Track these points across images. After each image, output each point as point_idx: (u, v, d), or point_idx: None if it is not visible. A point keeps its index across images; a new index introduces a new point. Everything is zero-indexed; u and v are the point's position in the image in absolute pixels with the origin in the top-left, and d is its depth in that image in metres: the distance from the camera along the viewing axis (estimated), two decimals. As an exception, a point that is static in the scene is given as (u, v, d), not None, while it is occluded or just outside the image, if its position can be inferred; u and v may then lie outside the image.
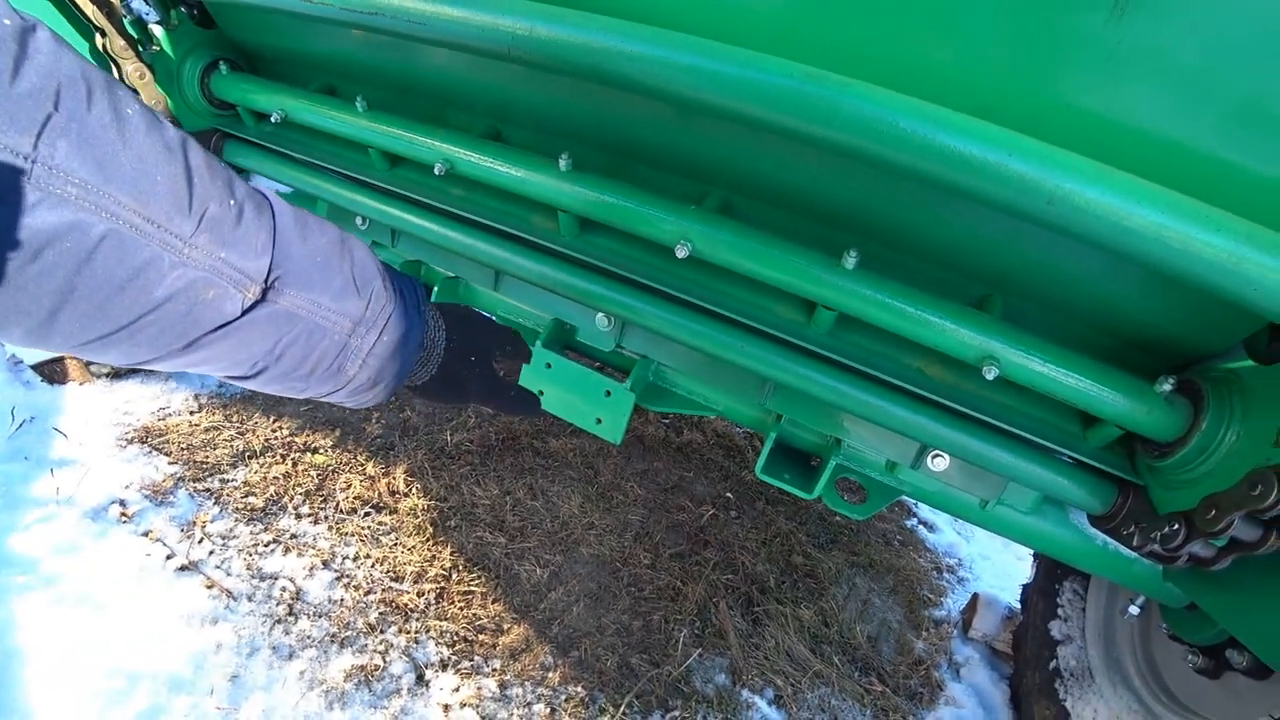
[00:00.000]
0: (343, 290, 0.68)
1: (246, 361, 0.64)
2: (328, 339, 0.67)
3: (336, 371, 0.70)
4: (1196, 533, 0.93)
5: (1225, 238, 0.67)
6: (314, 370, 0.69)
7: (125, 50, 1.58)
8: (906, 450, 1.30)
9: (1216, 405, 0.95)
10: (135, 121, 0.51)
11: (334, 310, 0.67)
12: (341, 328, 0.68)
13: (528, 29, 0.87)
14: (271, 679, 1.48)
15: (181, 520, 1.80)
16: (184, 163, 0.55)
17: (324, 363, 0.69)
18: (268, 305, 0.62)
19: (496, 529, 2.02)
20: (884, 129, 0.73)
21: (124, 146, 0.50)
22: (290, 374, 0.68)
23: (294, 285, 0.63)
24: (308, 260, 0.65)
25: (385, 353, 0.73)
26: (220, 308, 0.58)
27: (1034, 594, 1.87)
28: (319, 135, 1.65)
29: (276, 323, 0.63)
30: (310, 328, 0.66)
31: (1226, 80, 0.73)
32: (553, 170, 1.22)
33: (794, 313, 1.22)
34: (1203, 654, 1.27)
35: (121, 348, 0.56)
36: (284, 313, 0.63)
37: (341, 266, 0.68)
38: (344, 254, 0.69)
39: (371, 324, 0.71)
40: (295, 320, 0.64)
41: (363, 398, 0.77)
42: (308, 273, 0.64)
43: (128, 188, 0.50)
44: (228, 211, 0.57)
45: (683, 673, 1.73)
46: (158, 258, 0.53)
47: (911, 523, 2.74)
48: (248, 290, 0.60)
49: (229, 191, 0.58)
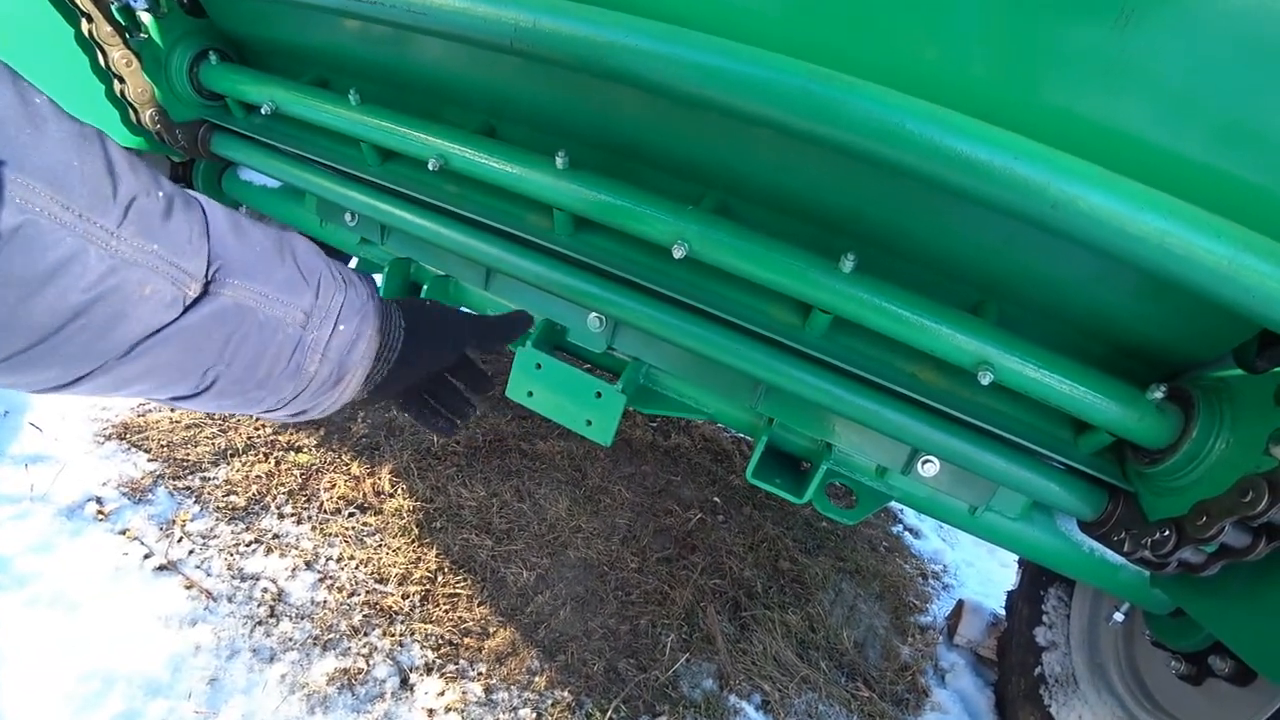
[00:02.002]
0: (288, 281, 0.63)
1: (196, 370, 0.58)
2: (281, 333, 0.63)
3: (295, 371, 0.65)
4: (1187, 539, 0.94)
5: (1225, 245, 0.68)
6: (271, 372, 0.63)
7: (112, 37, 1.54)
8: (897, 455, 1.30)
9: (1207, 413, 0.96)
10: (44, 109, 0.47)
11: (283, 302, 0.62)
12: (294, 319, 0.63)
13: (530, 21, 0.86)
14: (252, 682, 1.44)
15: (160, 519, 1.76)
16: (103, 152, 0.50)
17: (280, 361, 0.64)
18: (211, 300, 0.57)
19: (483, 531, 2.00)
20: (890, 130, 0.73)
21: (35, 131, 0.46)
22: (246, 380, 0.62)
23: (237, 275, 0.58)
24: (247, 252, 0.60)
25: (343, 344, 0.68)
26: (158, 306, 0.53)
27: (1019, 600, 1.89)
28: (310, 128, 1.62)
29: (224, 318, 0.58)
30: (261, 322, 0.61)
31: (1226, 91, 0.74)
32: (549, 168, 1.21)
33: (789, 315, 1.22)
34: (1186, 660, 1.29)
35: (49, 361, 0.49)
36: (231, 306, 0.58)
37: (283, 258, 0.64)
38: (284, 246, 0.65)
39: (325, 314, 0.66)
40: (244, 314, 0.59)
41: (327, 397, 0.71)
42: (249, 264, 0.60)
43: (43, 174, 0.45)
44: (156, 203, 0.53)
45: (670, 678, 1.72)
46: (82, 250, 0.47)
47: (897, 529, 2.75)
48: (187, 286, 0.55)
49: (155, 184, 0.54)
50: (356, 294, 0.71)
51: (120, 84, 1.62)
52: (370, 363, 0.73)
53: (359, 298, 0.71)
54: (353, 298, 0.70)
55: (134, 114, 1.67)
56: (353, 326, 0.69)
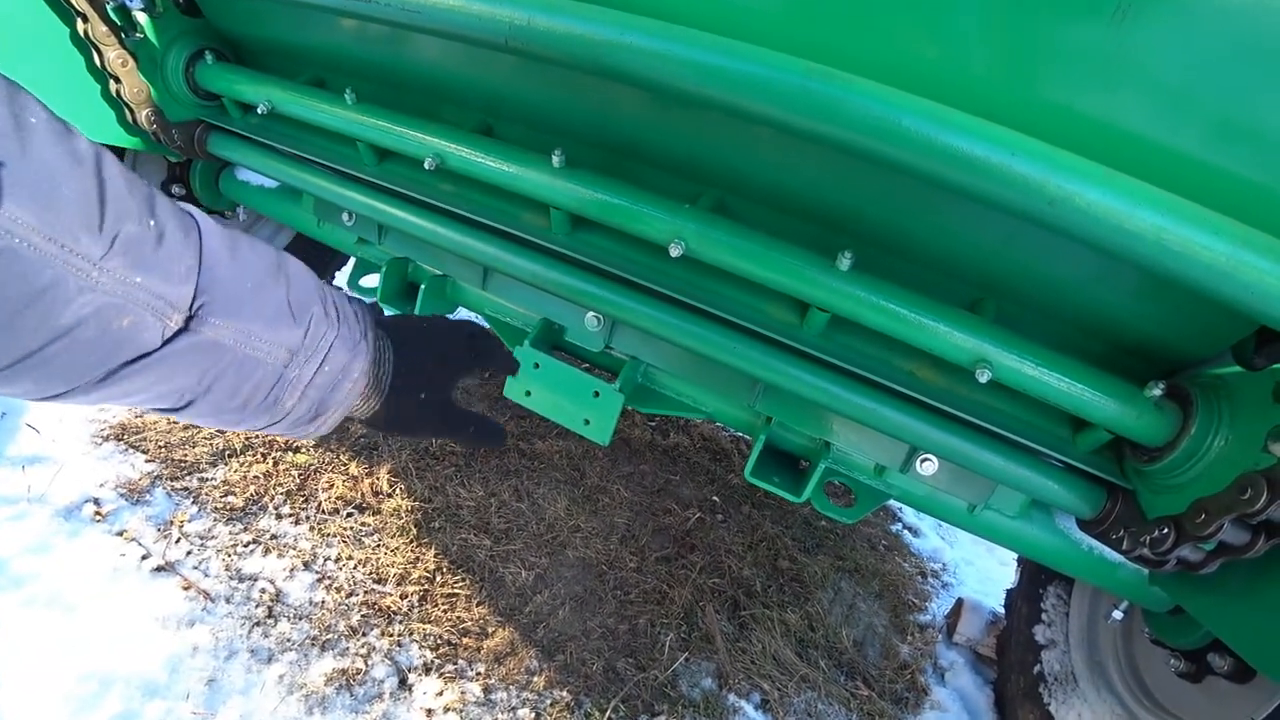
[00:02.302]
0: (276, 317, 0.63)
1: (172, 394, 0.59)
2: (261, 370, 0.63)
3: (272, 404, 0.65)
4: (1185, 537, 0.94)
5: (1223, 242, 0.68)
6: (247, 403, 0.64)
7: (107, 36, 1.53)
8: (896, 453, 1.30)
9: (1205, 410, 0.96)
10: (40, 131, 0.47)
11: (267, 340, 0.62)
12: (276, 358, 0.63)
13: (525, 19, 0.86)
14: (250, 683, 1.44)
15: (158, 520, 1.76)
16: (96, 178, 0.50)
17: (258, 395, 0.64)
18: (190, 335, 0.57)
19: (481, 531, 1.99)
20: (887, 127, 0.72)
21: (22, 156, 0.45)
22: (222, 407, 0.63)
23: (221, 314, 0.58)
24: (237, 285, 0.60)
25: (326, 383, 0.68)
26: (137, 337, 0.53)
27: (1018, 599, 1.89)
28: (306, 128, 1.62)
29: (202, 354, 0.58)
30: (240, 359, 0.61)
31: (1224, 86, 0.74)
32: (545, 166, 1.20)
33: (787, 314, 1.21)
34: (1185, 658, 1.29)
35: (30, 377, 0.50)
36: (209, 343, 0.58)
37: (276, 291, 0.63)
38: (279, 278, 0.64)
39: (310, 353, 0.66)
40: (222, 351, 0.59)
41: (303, 430, 0.72)
42: (237, 299, 0.59)
43: (26, 202, 0.45)
44: (146, 232, 0.52)
45: (669, 677, 1.71)
46: (61, 280, 0.47)
47: (896, 527, 2.75)
48: (169, 319, 0.55)
49: (148, 210, 0.53)
50: (350, 330, 0.70)
51: (116, 84, 1.61)
52: (354, 400, 0.73)
53: (351, 336, 0.70)
54: (345, 334, 0.69)
55: (130, 114, 1.66)
56: (338, 365, 0.69)
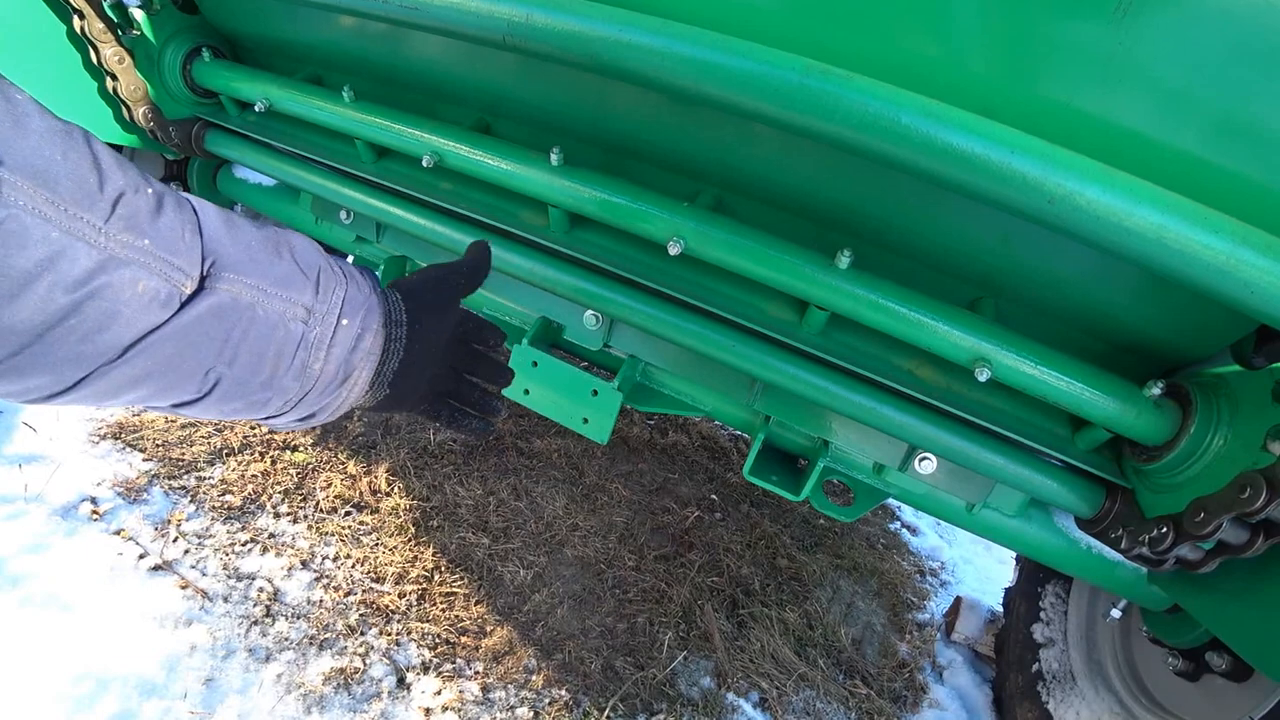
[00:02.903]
0: (287, 276, 0.61)
1: (197, 372, 0.56)
2: (283, 329, 0.61)
3: (301, 369, 0.63)
4: (1184, 536, 0.93)
5: (1223, 240, 0.68)
6: (275, 370, 0.61)
7: (104, 34, 1.53)
8: (894, 452, 1.30)
9: (1204, 409, 0.96)
10: (25, 105, 0.46)
11: (282, 297, 0.60)
12: (296, 315, 0.61)
13: (524, 16, 0.86)
14: (247, 682, 1.44)
15: (155, 519, 1.75)
16: (88, 148, 0.49)
17: (284, 359, 0.61)
18: (208, 295, 0.55)
19: (480, 530, 1.99)
20: (886, 125, 0.72)
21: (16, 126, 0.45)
22: (249, 380, 0.60)
23: (232, 269, 0.57)
24: (242, 248, 0.58)
25: (348, 340, 0.66)
26: (152, 304, 0.51)
27: (1016, 597, 1.89)
28: (304, 125, 1.61)
29: (222, 314, 0.56)
30: (261, 317, 0.59)
31: (1225, 84, 0.73)
32: (544, 164, 1.20)
33: (786, 312, 1.21)
34: (1183, 657, 1.29)
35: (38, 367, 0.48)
36: (229, 301, 0.56)
37: (280, 253, 0.62)
38: (280, 241, 0.63)
39: (326, 310, 0.64)
40: (242, 309, 0.57)
41: (336, 398, 0.69)
42: (245, 259, 0.58)
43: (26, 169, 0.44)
44: (145, 199, 0.51)
45: (667, 676, 1.71)
46: (69, 247, 0.46)
47: (895, 526, 2.75)
48: (182, 283, 0.53)
49: (143, 181, 0.52)
50: (358, 289, 0.69)
51: (113, 81, 1.60)
52: (377, 358, 0.70)
53: (360, 292, 0.69)
54: (354, 293, 0.68)
55: (127, 112, 1.66)
56: (356, 322, 0.67)
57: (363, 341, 0.68)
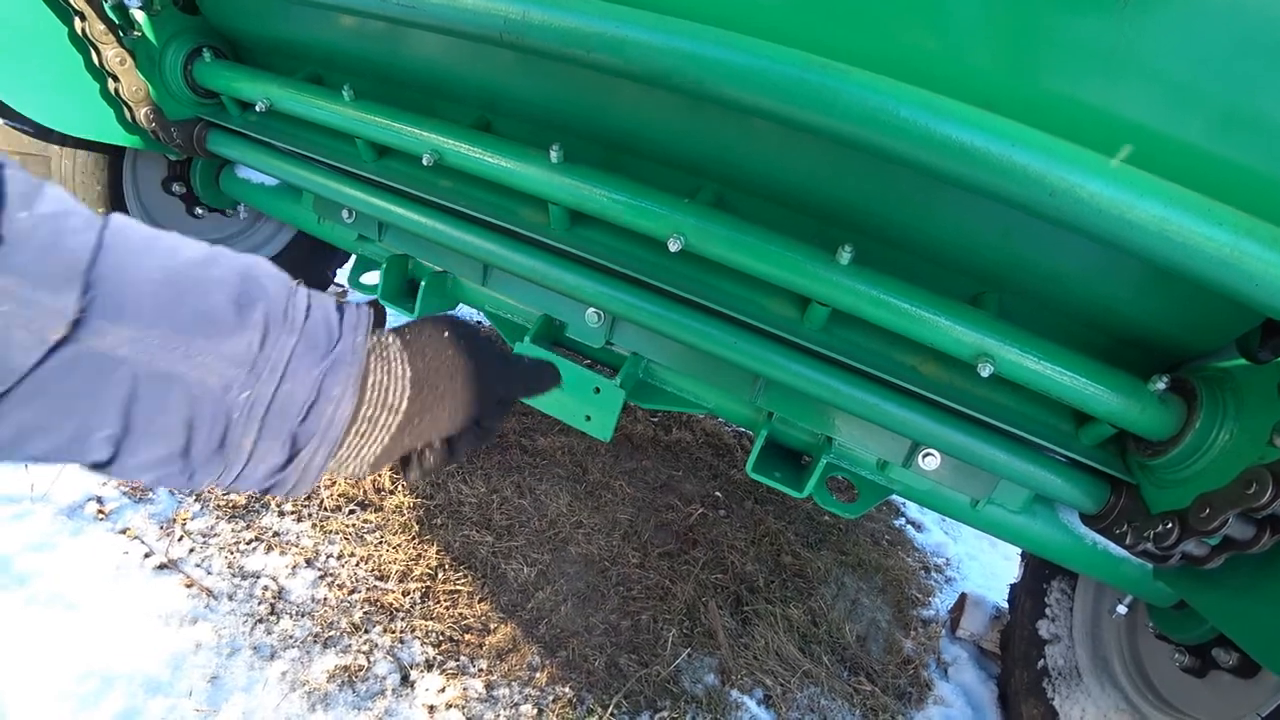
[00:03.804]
0: (200, 321, 0.47)
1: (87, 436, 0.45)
2: (184, 393, 0.47)
3: (220, 445, 0.49)
4: (1190, 531, 0.93)
5: (1227, 232, 0.67)
6: (189, 446, 0.48)
7: (105, 35, 1.53)
8: (898, 448, 1.29)
9: (1210, 404, 0.95)
10: None
11: (185, 350, 0.46)
12: (209, 376, 0.47)
13: (520, 13, 0.85)
14: (252, 680, 1.44)
15: (161, 518, 1.76)
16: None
17: (199, 432, 0.48)
18: (72, 345, 0.43)
19: (483, 527, 1.99)
20: (885, 118, 0.71)
21: None
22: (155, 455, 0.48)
23: (110, 315, 0.43)
24: (142, 283, 0.45)
25: (292, 408, 0.50)
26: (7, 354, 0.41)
27: (1021, 593, 1.88)
28: (305, 125, 1.61)
29: (93, 373, 0.44)
30: (149, 378, 0.45)
31: (1229, 75, 0.73)
32: (543, 162, 1.20)
33: (787, 308, 1.21)
34: (1189, 653, 1.28)
35: None
36: (99, 357, 0.43)
37: (202, 289, 0.48)
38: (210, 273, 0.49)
39: (263, 368, 0.49)
40: (118, 367, 0.44)
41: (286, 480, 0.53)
42: (134, 298, 0.45)
43: None
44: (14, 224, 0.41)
45: (671, 673, 1.71)
46: None
47: (899, 522, 2.74)
48: (47, 328, 0.41)
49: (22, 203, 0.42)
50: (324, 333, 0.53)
51: (114, 82, 1.61)
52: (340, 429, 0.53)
53: (326, 338, 0.52)
54: (315, 338, 0.52)
55: (129, 112, 1.66)
56: (309, 381, 0.51)
57: (319, 410, 0.52)
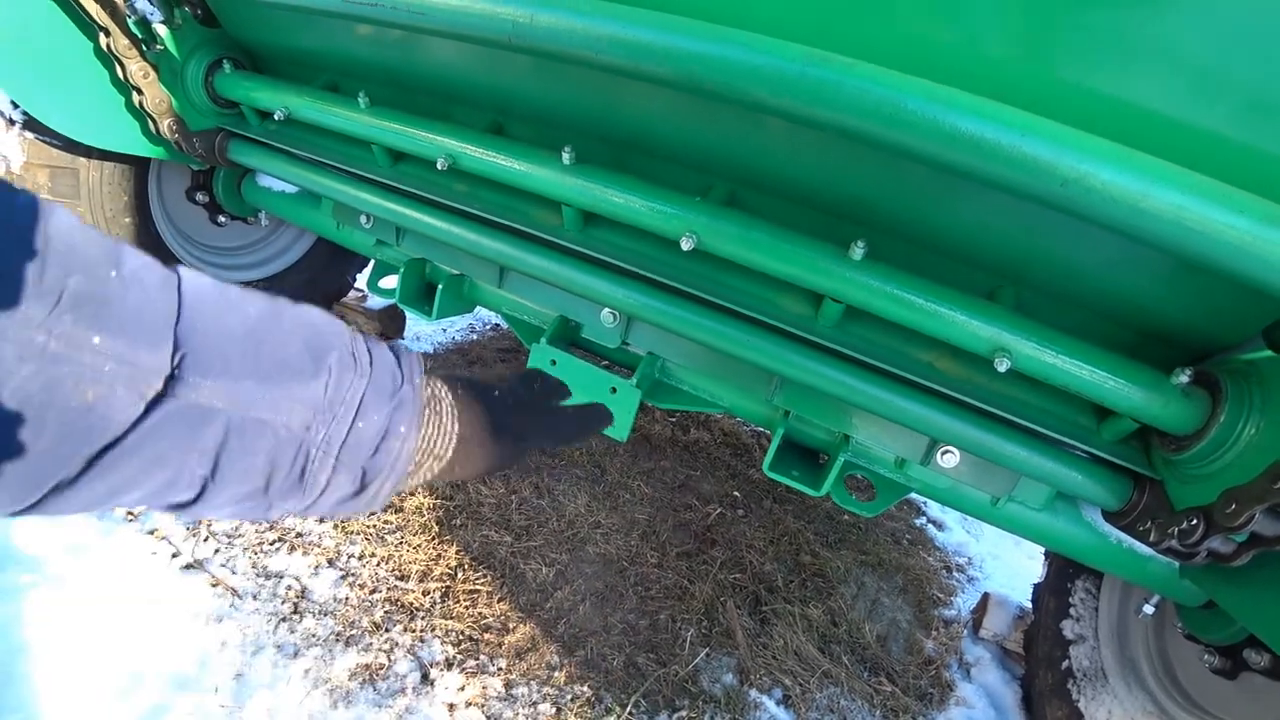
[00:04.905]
0: (281, 370, 0.52)
1: (178, 481, 0.49)
2: (273, 437, 0.52)
3: (299, 479, 0.54)
4: (1215, 528, 0.91)
5: (1247, 219, 0.65)
6: (270, 482, 0.53)
7: (129, 49, 1.57)
8: (916, 446, 1.28)
9: (1235, 397, 0.93)
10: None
11: (272, 399, 0.51)
12: (292, 420, 0.53)
13: (528, 16, 0.86)
14: (276, 677, 1.47)
15: (187, 519, 1.80)
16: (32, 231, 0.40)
17: (280, 470, 0.53)
18: (171, 400, 0.46)
19: (502, 528, 2.01)
20: (890, 111, 0.71)
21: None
22: (240, 492, 0.52)
23: (204, 371, 0.48)
24: (224, 337, 0.50)
25: (364, 445, 0.57)
26: (107, 413, 0.43)
27: (1045, 593, 1.85)
28: (322, 132, 1.64)
29: (190, 425, 0.47)
30: (241, 425, 0.50)
31: (1254, 60, 0.71)
32: (555, 164, 1.21)
33: (801, 306, 1.20)
34: (1220, 654, 1.25)
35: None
36: (196, 410, 0.47)
37: (279, 341, 0.53)
38: (282, 324, 0.54)
39: (337, 409, 0.55)
40: (214, 417, 0.49)
41: (352, 506, 0.59)
42: (223, 352, 0.49)
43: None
44: (104, 285, 0.43)
45: (690, 672, 1.71)
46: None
47: (920, 521, 2.71)
48: (145, 386, 0.44)
49: (108, 262, 0.44)
50: (386, 378, 0.59)
51: (139, 95, 1.65)
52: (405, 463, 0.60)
53: (390, 383, 0.59)
54: (381, 383, 0.58)
55: (153, 124, 1.71)
56: (379, 420, 0.58)
57: (388, 444, 0.58)
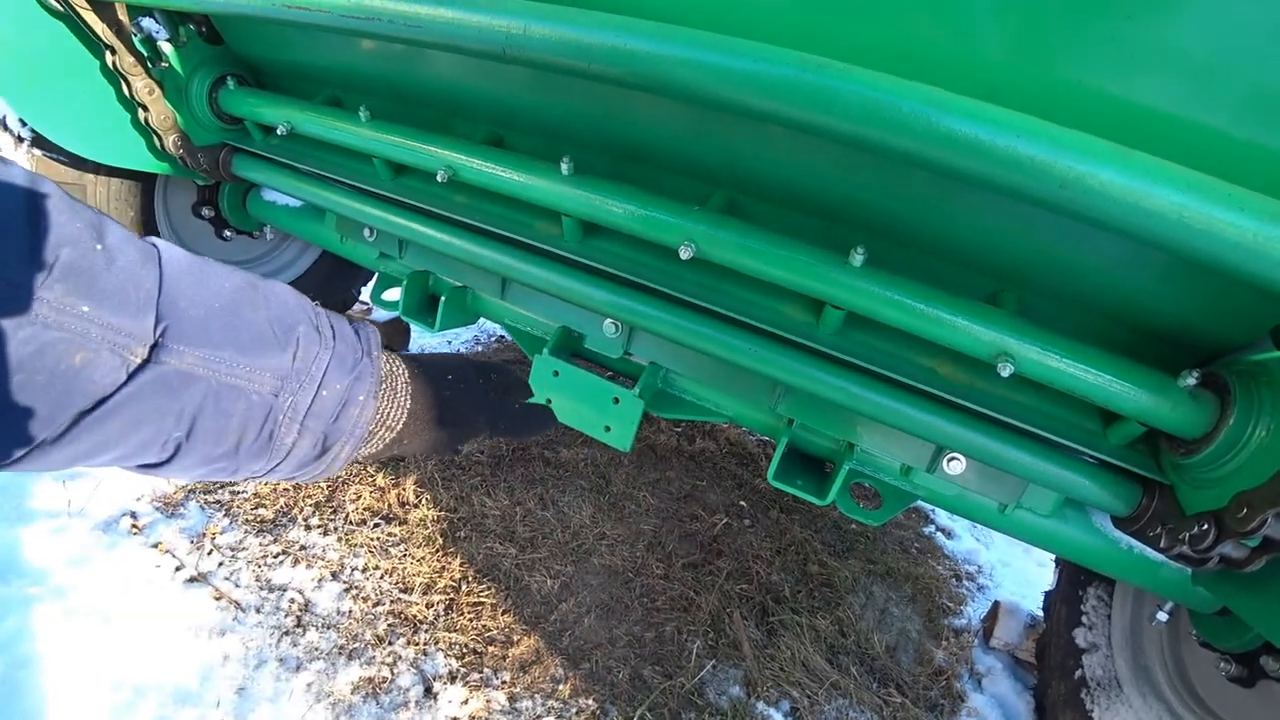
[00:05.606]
0: (256, 340, 0.56)
1: (152, 445, 0.52)
2: (245, 402, 0.55)
3: (268, 442, 0.58)
4: (1227, 533, 0.89)
5: (1250, 217, 0.64)
6: (240, 444, 0.57)
7: (135, 67, 1.59)
8: (921, 453, 1.27)
9: (1244, 399, 0.91)
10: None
11: (246, 366, 0.55)
12: (263, 386, 0.56)
13: (521, 28, 0.86)
14: (278, 691, 1.46)
15: (191, 532, 1.80)
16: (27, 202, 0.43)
17: (249, 433, 0.57)
18: (155, 367, 0.49)
19: (507, 540, 2.00)
20: (886, 115, 0.70)
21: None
22: (211, 453, 0.56)
23: (187, 339, 0.51)
24: (204, 309, 0.53)
25: (327, 411, 0.60)
26: (94, 377, 0.46)
27: (1057, 601, 1.82)
28: (325, 146, 1.66)
29: (171, 390, 0.51)
30: (218, 391, 0.53)
31: (1255, 55, 0.70)
32: (554, 174, 1.21)
33: (802, 313, 1.19)
34: (1236, 661, 1.22)
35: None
36: (177, 376, 0.51)
37: (252, 312, 0.57)
38: (255, 299, 0.58)
39: (303, 378, 0.59)
40: (195, 384, 0.52)
41: (311, 471, 0.64)
42: (203, 323, 0.53)
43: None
44: (92, 255, 0.46)
45: (696, 685, 1.69)
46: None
47: (929, 529, 2.68)
48: (129, 353, 0.48)
49: (93, 235, 0.47)
50: (348, 350, 0.63)
51: (144, 112, 1.67)
52: (362, 430, 0.64)
53: (350, 354, 0.63)
54: (343, 354, 0.62)
55: (158, 140, 1.72)
56: (340, 389, 0.61)
57: (347, 411, 0.62)
